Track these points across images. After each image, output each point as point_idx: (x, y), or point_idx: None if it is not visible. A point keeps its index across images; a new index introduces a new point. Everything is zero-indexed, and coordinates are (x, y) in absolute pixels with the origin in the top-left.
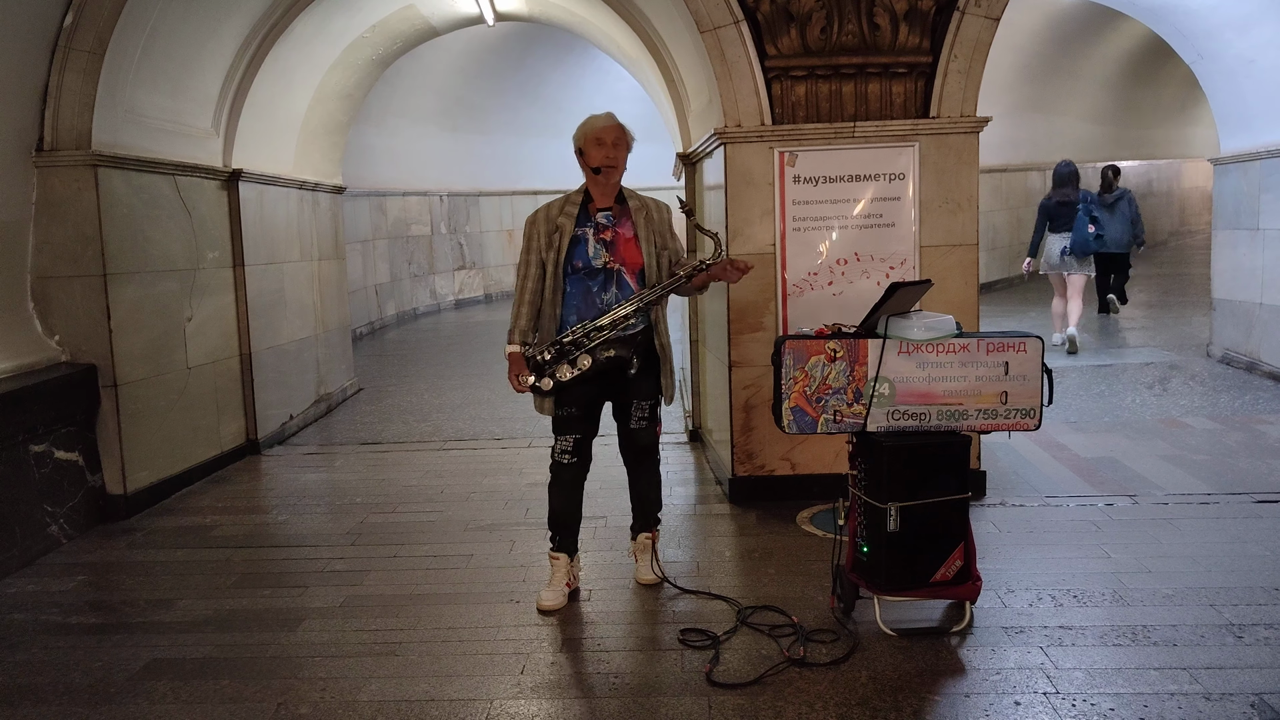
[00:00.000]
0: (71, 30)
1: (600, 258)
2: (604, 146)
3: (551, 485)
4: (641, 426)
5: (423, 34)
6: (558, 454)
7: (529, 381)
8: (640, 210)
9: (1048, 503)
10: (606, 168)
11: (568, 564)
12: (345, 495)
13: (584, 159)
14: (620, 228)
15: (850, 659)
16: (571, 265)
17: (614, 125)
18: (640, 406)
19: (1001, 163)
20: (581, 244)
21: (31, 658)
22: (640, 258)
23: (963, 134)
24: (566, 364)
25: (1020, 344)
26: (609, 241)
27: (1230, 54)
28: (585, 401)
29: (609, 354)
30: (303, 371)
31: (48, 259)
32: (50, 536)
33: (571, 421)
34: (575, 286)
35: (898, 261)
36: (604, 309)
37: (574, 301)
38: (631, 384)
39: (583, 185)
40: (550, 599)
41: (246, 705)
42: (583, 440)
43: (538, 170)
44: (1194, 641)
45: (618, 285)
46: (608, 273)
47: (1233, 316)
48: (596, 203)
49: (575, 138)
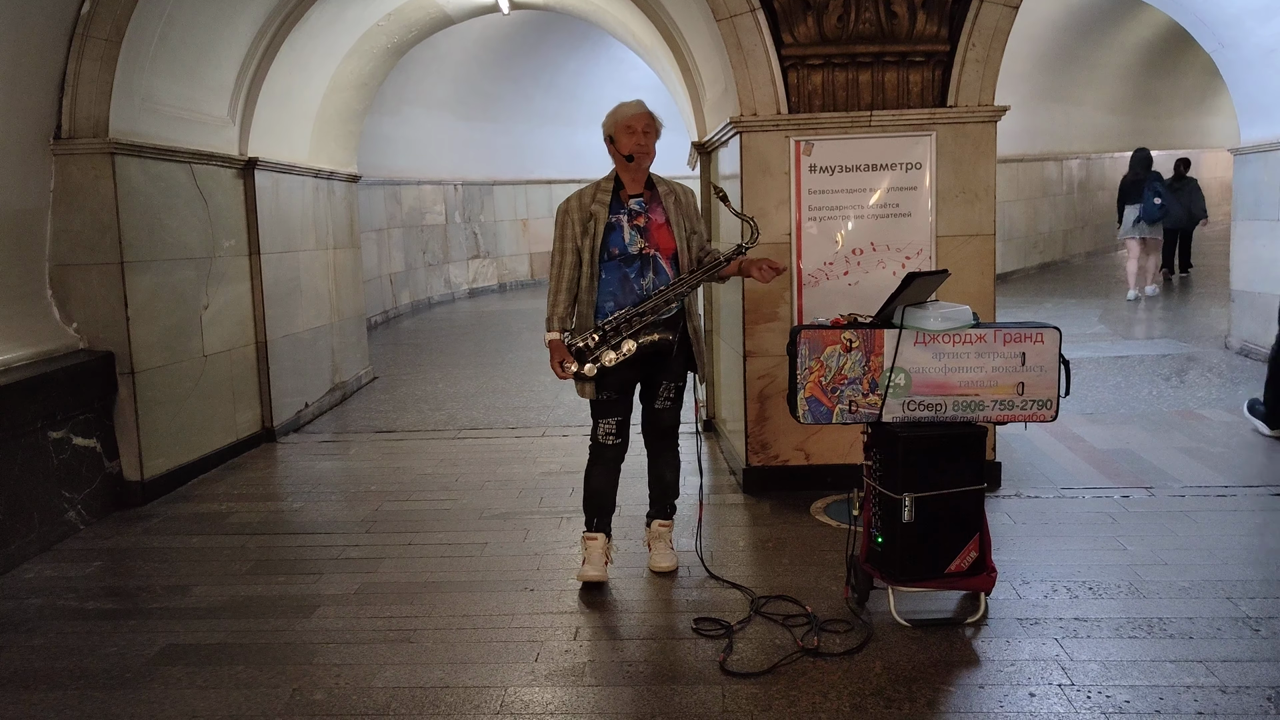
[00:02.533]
0: (89, 18)
1: (636, 244)
2: (635, 134)
3: (592, 466)
4: (666, 406)
5: (438, 22)
6: (601, 436)
7: (573, 369)
8: (669, 195)
9: (1063, 494)
10: (639, 154)
11: (605, 544)
12: (360, 483)
13: (615, 146)
14: (653, 213)
15: (864, 649)
16: (608, 252)
17: (644, 113)
18: (668, 387)
19: (1018, 153)
20: (617, 231)
21: (48, 642)
22: (673, 242)
23: (980, 123)
24: (610, 349)
25: (1038, 335)
26: (643, 227)
27: (1251, 43)
28: (625, 384)
29: (653, 338)
30: (318, 360)
31: (65, 247)
32: (68, 522)
33: (613, 405)
34: (611, 273)
35: (914, 251)
36: (644, 294)
37: (610, 288)
38: (664, 364)
39: (612, 172)
40: (594, 572)
41: (261, 691)
42: (623, 422)
43: (552, 160)
44: (1210, 634)
45: (654, 270)
46: (644, 258)
47: (1251, 308)
48: (628, 189)
49: (605, 125)
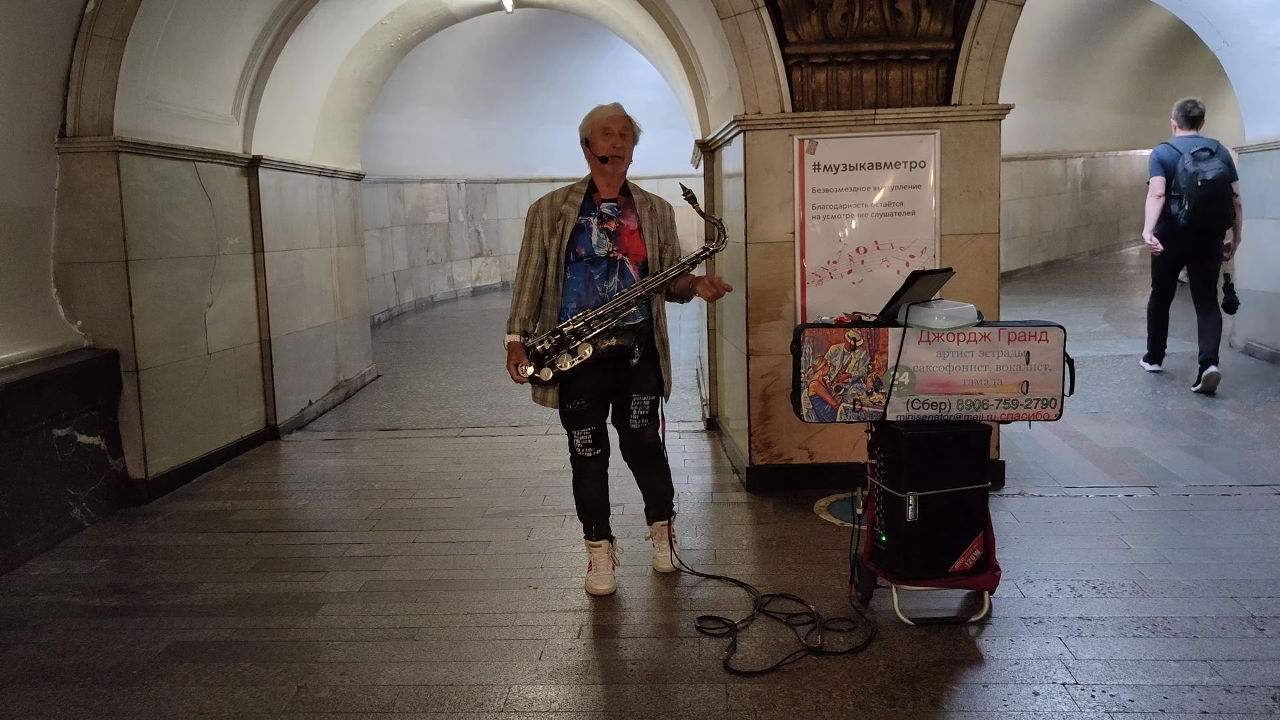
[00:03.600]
0: (93, 17)
1: (604, 246)
2: (611, 136)
3: (578, 480)
4: (643, 425)
5: (441, 20)
6: (579, 448)
7: (528, 372)
8: (645, 204)
9: (1067, 493)
10: (613, 158)
11: (609, 548)
12: (364, 481)
13: (590, 149)
14: (624, 219)
15: (868, 648)
16: (574, 253)
17: (621, 115)
18: (640, 403)
19: (1023, 151)
20: (585, 232)
21: (55, 639)
22: (644, 249)
23: (984, 122)
24: (567, 353)
25: (1042, 333)
26: (613, 231)
27: (1256, 40)
28: (594, 392)
29: (610, 343)
30: (322, 358)
31: (70, 245)
32: (73, 520)
33: (584, 414)
34: (577, 274)
35: (918, 250)
36: (605, 297)
37: (575, 289)
38: (632, 376)
39: (587, 176)
40: (603, 584)
41: (267, 688)
42: (599, 431)
43: (555, 158)
44: (1215, 633)
45: (620, 275)
46: (611, 261)
47: (1256, 307)
48: (601, 193)
49: (581, 128)
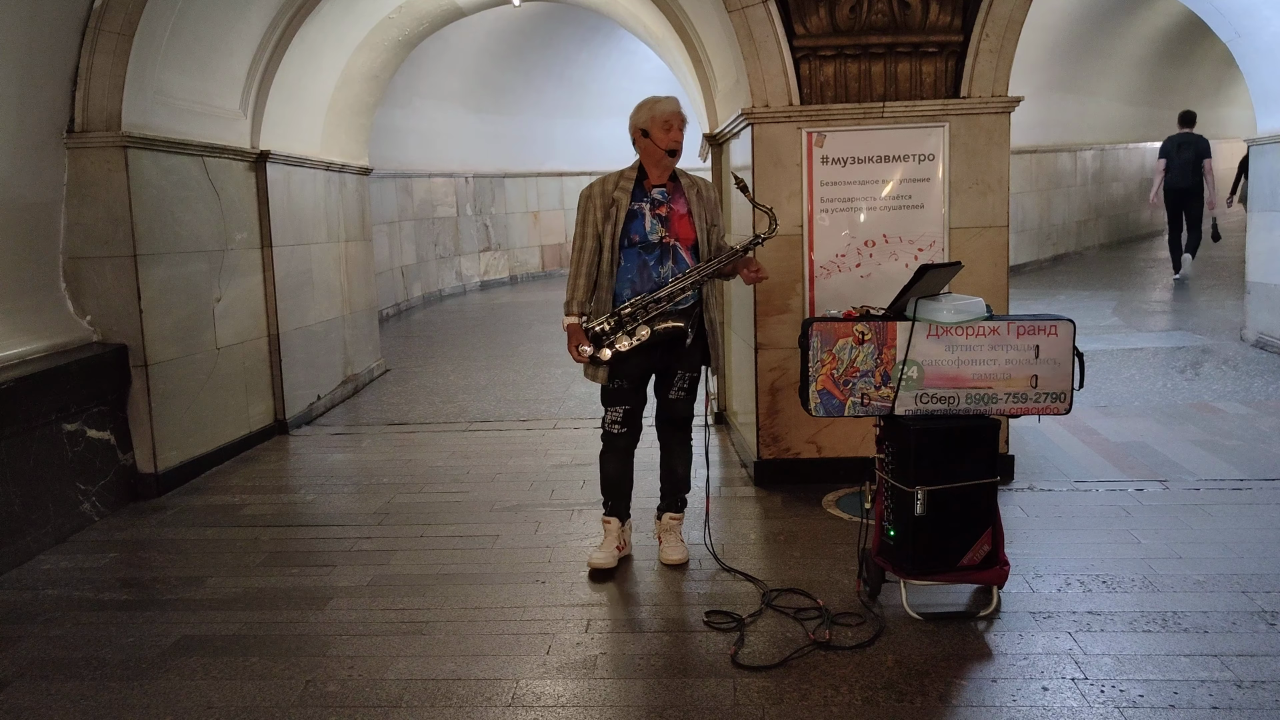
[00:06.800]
0: (101, 11)
1: (657, 232)
2: (672, 130)
3: (603, 454)
4: (681, 397)
5: (449, 14)
6: (608, 424)
7: (588, 352)
8: (692, 188)
9: (1077, 488)
10: (678, 150)
11: (619, 528)
12: (372, 475)
13: (648, 140)
14: (675, 204)
15: (876, 642)
16: (628, 239)
17: (679, 111)
18: (683, 377)
19: (1032, 144)
20: (638, 219)
21: (64, 633)
22: (694, 233)
23: (994, 114)
24: (625, 335)
25: (1052, 327)
26: (664, 217)
27: (1268, 32)
28: (637, 374)
29: (667, 325)
30: (330, 352)
31: (79, 240)
32: (83, 514)
33: (622, 394)
34: (630, 260)
35: (926, 243)
36: (661, 282)
37: (629, 275)
38: (679, 354)
39: (636, 162)
40: (602, 558)
41: (275, 682)
42: (632, 411)
43: (563, 152)
44: (1225, 628)
45: (674, 259)
46: (664, 247)
47: (1268, 300)
48: (651, 179)
49: (640, 120)
